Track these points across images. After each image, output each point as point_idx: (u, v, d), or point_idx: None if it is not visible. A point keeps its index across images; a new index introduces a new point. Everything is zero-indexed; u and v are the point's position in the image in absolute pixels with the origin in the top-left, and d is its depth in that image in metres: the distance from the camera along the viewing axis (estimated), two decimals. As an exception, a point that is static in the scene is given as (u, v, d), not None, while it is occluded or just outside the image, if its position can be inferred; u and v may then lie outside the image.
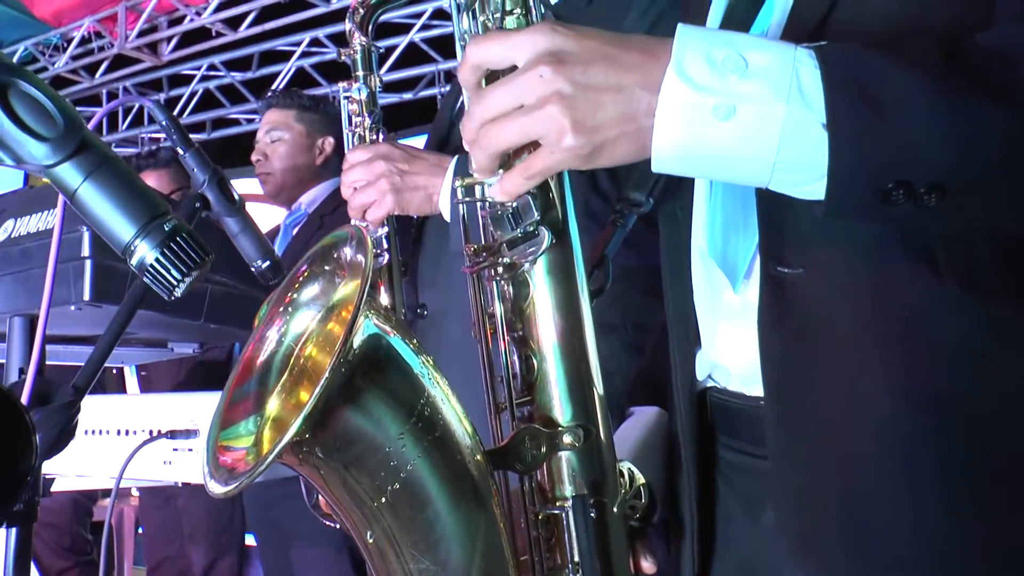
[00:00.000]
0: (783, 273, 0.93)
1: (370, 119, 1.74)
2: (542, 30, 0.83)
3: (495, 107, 0.84)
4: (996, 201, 0.82)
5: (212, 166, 1.49)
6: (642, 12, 1.74)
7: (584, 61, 0.82)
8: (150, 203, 0.85)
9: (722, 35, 0.83)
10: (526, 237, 0.89)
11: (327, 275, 0.92)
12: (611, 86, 0.81)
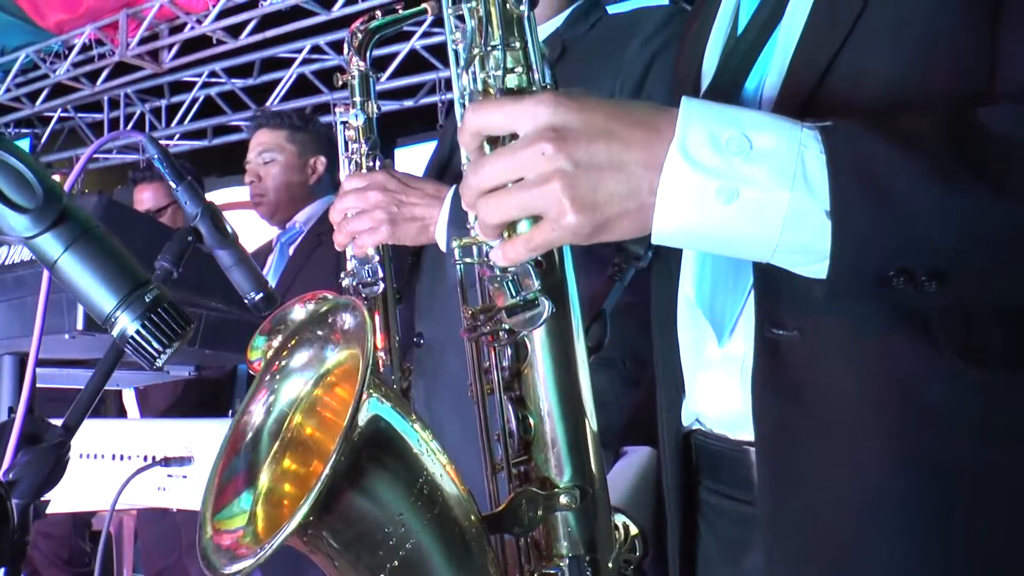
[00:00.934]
0: (778, 335, 0.92)
1: (367, 145, 1.73)
2: (545, 101, 0.82)
3: (494, 179, 0.83)
4: (995, 284, 0.82)
5: (205, 200, 1.48)
6: (645, 40, 1.73)
7: (587, 138, 0.80)
8: (131, 273, 0.84)
9: (727, 112, 0.82)
10: (526, 305, 0.87)
11: (319, 341, 0.90)
12: (613, 164, 0.80)
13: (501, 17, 0.89)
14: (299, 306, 1.74)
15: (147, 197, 4.12)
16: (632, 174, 0.80)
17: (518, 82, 0.89)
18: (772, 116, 0.82)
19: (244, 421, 0.91)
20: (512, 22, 0.89)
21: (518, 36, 0.89)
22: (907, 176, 0.77)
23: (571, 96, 0.82)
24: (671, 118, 0.81)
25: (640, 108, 0.84)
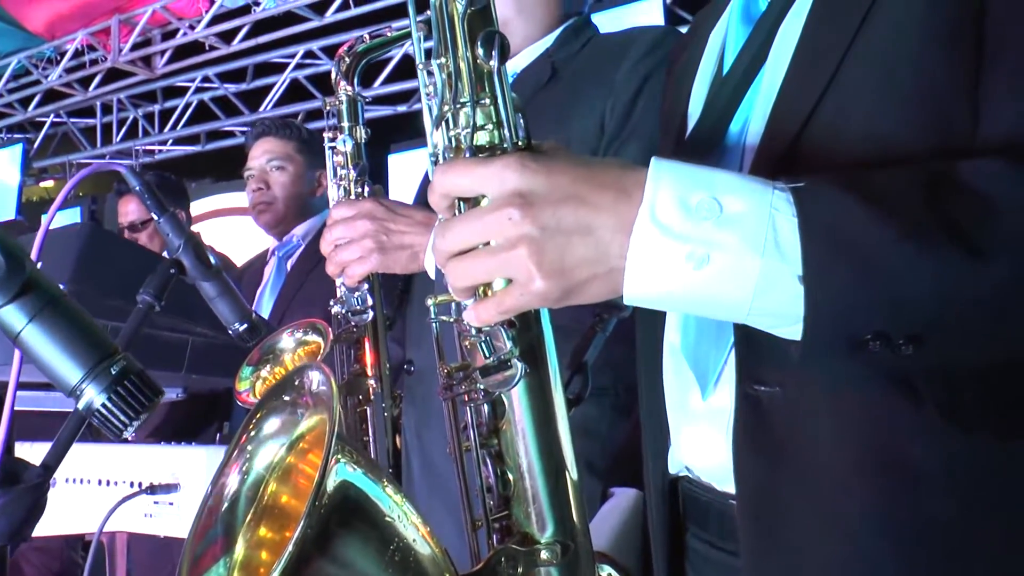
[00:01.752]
0: (759, 391, 0.91)
1: (355, 171, 1.71)
2: (511, 165, 0.81)
3: (462, 242, 0.83)
4: (975, 346, 0.80)
5: (187, 231, 1.47)
6: (636, 62, 1.72)
7: (553, 202, 0.79)
8: (97, 344, 0.83)
9: (697, 174, 0.80)
10: (500, 366, 0.86)
11: (290, 406, 0.89)
12: (581, 228, 0.79)
13: (471, 73, 0.88)
14: (286, 335, 1.74)
15: (132, 209, 4.10)
16: (601, 238, 0.79)
17: (489, 139, 0.87)
18: (743, 178, 0.81)
19: (221, 485, 0.90)
20: (483, 77, 0.88)
21: (488, 92, 0.88)
22: (882, 239, 0.76)
23: (538, 158, 0.81)
24: (640, 180, 0.80)
25: (608, 169, 0.82)
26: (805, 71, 0.97)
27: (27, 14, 6.83)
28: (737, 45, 1.09)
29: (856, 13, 0.93)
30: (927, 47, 0.89)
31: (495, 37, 0.87)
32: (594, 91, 1.72)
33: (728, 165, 1.05)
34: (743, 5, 1.13)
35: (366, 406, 1.69)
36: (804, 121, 0.94)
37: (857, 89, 0.92)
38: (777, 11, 1.05)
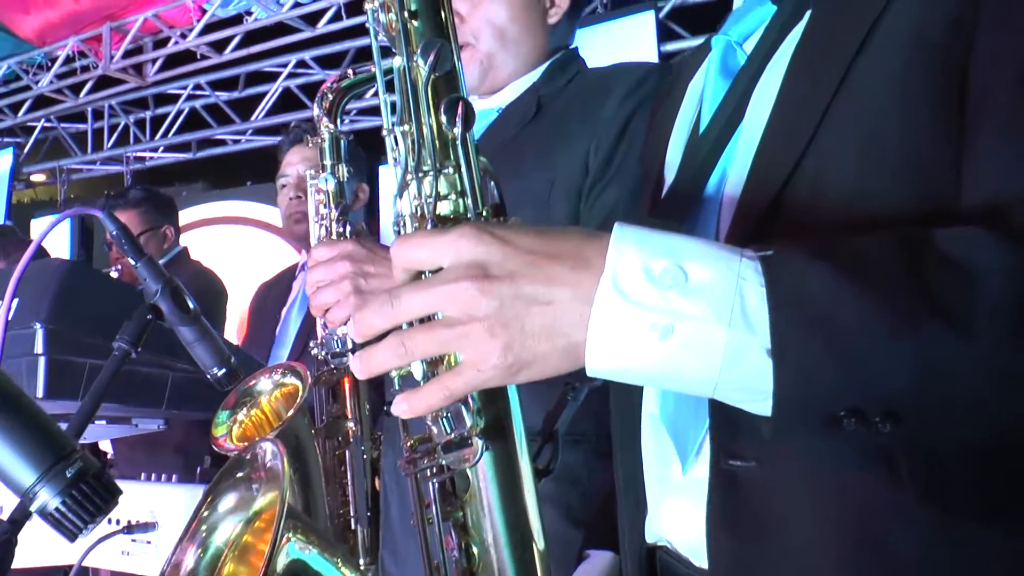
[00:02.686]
0: (735, 467, 0.89)
1: (337, 211, 1.70)
2: (467, 235, 0.79)
3: (416, 310, 0.80)
4: (956, 425, 0.78)
5: (166, 276, 1.45)
6: (620, 101, 1.72)
7: (510, 273, 0.77)
8: (53, 446, 0.82)
9: (661, 240, 0.78)
10: (460, 443, 0.84)
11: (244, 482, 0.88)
12: (539, 299, 0.77)
13: (435, 140, 0.87)
14: (264, 377, 1.72)
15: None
16: (560, 309, 0.77)
17: (452, 208, 0.86)
18: (709, 245, 0.78)
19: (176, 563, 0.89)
20: (447, 145, 0.87)
21: (453, 160, 0.87)
22: (855, 313, 0.74)
23: (495, 228, 0.79)
24: (601, 248, 0.77)
25: (567, 238, 0.80)
26: (783, 131, 0.95)
27: (17, 21, 6.80)
28: (715, 100, 1.08)
29: (835, 72, 0.92)
30: (908, 106, 0.89)
31: (459, 104, 0.86)
32: (579, 130, 1.71)
33: (705, 224, 1.03)
34: (721, 57, 1.11)
35: (345, 448, 1.68)
36: (783, 182, 0.92)
37: (836, 150, 0.91)
38: (755, 66, 1.04)
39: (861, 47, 0.92)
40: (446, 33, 0.88)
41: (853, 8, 0.96)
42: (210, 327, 1.52)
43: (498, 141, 1.79)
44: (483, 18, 1.84)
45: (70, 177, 9.04)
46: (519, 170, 1.71)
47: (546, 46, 1.91)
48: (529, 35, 1.88)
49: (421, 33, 0.87)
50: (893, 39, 0.91)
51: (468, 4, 1.84)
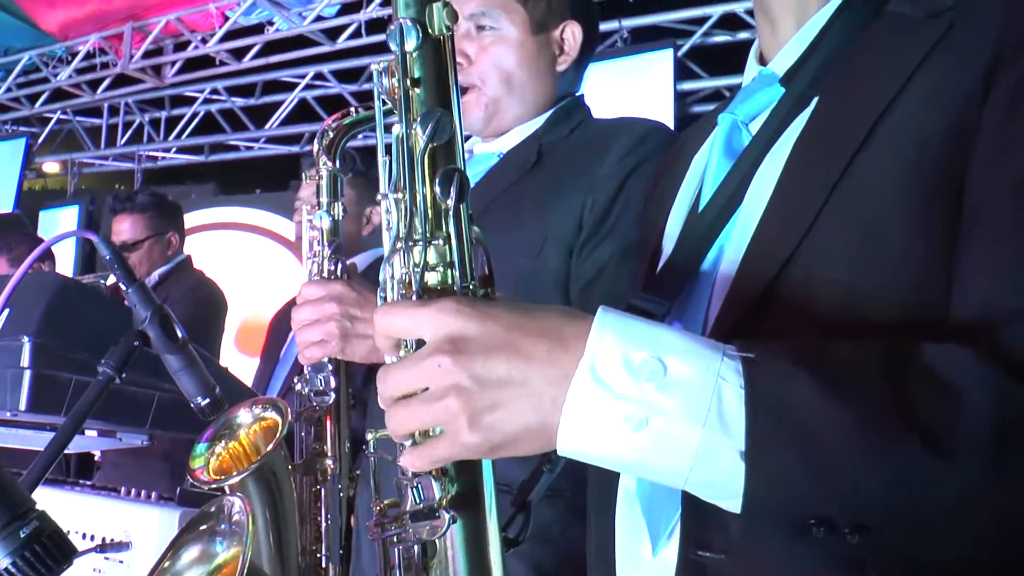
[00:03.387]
0: (704, 558, 0.88)
1: (330, 248, 1.69)
2: (446, 309, 0.79)
3: (398, 388, 0.81)
4: (926, 541, 0.77)
5: (156, 303, 1.45)
6: (620, 159, 1.71)
7: (485, 350, 0.77)
8: (9, 504, 0.80)
9: (643, 331, 0.78)
10: (429, 513, 0.84)
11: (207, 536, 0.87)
12: (513, 380, 0.77)
13: (428, 210, 0.86)
14: (244, 410, 1.71)
15: (125, 228, 4.09)
16: (534, 390, 0.77)
17: (439, 279, 0.86)
18: (691, 340, 0.78)
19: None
20: (440, 215, 0.86)
21: (444, 230, 0.86)
22: (833, 427, 0.73)
23: (474, 304, 0.80)
24: (580, 331, 0.78)
25: (547, 317, 0.80)
26: (780, 221, 0.96)
27: (42, 14, 6.83)
28: (717, 178, 1.08)
29: (835, 166, 0.93)
30: (905, 208, 0.89)
31: (455, 175, 0.85)
32: (576, 185, 1.71)
33: (697, 304, 1.04)
34: (726, 136, 1.12)
35: (322, 486, 1.67)
36: (776, 271, 0.92)
37: (831, 245, 0.91)
38: (759, 149, 1.04)
39: (863, 143, 0.92)
40: (448, 103, 0.88)
41: (858, 101, 0.96)
42: (197, 356, 1.52)
43: (497, 188, 1.79)
44: (491, 62, 1.84)
45: (81, 170, 9.08)
46: (515, 220, 1.70)
47: (553, 93, 1.90)
48: (536, 81, 1.87)
49: (423, 101, 0.87)
50: (895, 138, 0.91)
51: (476, 46, 1.84)
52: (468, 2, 1.85)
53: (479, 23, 1.85)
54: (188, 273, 4.21)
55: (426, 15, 0.88)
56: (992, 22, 0.92)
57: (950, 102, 0.89)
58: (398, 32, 0.87)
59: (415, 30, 0.87)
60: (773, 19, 1.13)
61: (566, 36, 1.90)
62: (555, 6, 1.88)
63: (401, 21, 0.87)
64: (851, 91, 0.99)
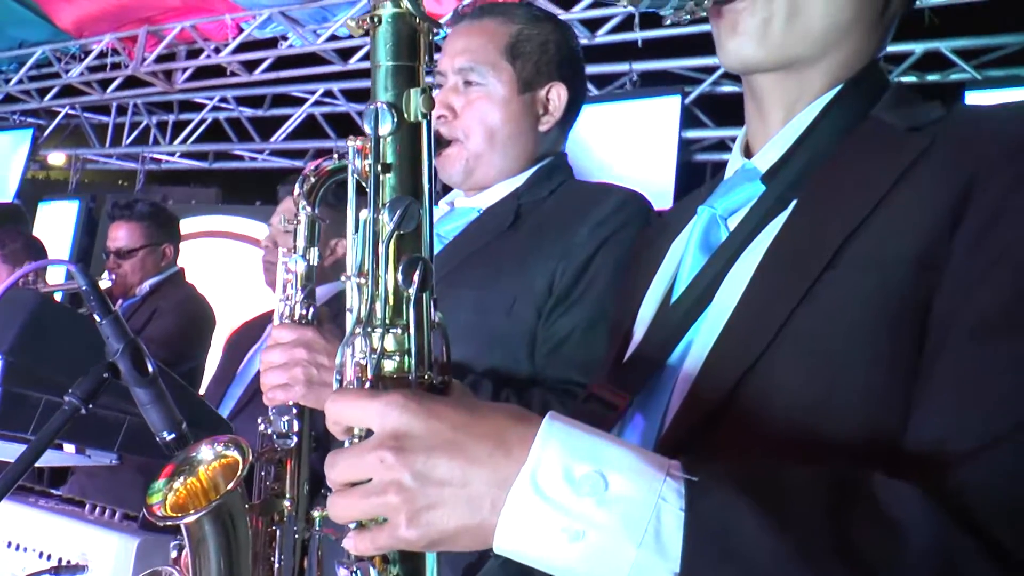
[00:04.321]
0: None
1: (303, 293, 1.70)
2: (394, 403, 0.79)
3: (343, 476, 0.82)
4: None
5: (129, 336, 1.45)
6: (595, 227, 1.74)
7: (427, 448, 0.78)
8: None
9: (589, 443, 0.79)
10: None
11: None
12: (454, 480, 0.78)
13: (389, 296, 0.87)
14: (205, 446, 1.71)
15: (121, 235, 4.11)
16: (474, 491, 0.78)
17: (395, 367, 0.86)
18: (636, 456, 0.78)
19: None
20: (401, 303, 0.87)
21: (404, 318, 0.87)
22: (769, 555, 0.73)
23: (422, 400, 0.80)
24: (526, 436, 0.78)
25: (494, 418, 0.81)
26: (746, 328, 0.97)
27: (58, 10, 6.87)
28: (691, 271, 1.09)
29: (803, 282, 0.94)
30: (867, 333, 0.90)
31: (419, 264, 0.86)
32: (550, 249, 1.74)
33: (658, 401, 1.05)
34: (704, 229, 1.13)
35: (278, 527, 1.67)
36: (736, 380, 0.93)
37: (792, 361, 0.92)
38: (733, 248, 1.05)
39: (832, 260, 0.93)
40: (419, 191, 0.88)
41: (832, 215, 0.97)
42: (166, 391, 1.52)
43: (474, 245, 1.82)
44: (475, 116, 1.86)
45: (84, 166, 9.10)
46: (488, 279, 1.73)
47: (535, 152, 1.93)
48: (518, 139, 1.90)
49: (393, 187, 0.87)
50: (863, 260, 0.92)
51: (463, 100, 1.87)
52: (458, 56, 1.89)
53: (467, 78, 1.88)
54: (180, 286, 4.22)
55: (403, 100, 0.88)
56: (970, 146, 0.93)
57: (920, 229, 0.90)
58: (373, 115, 0.87)
59: (391, 115, 0.87)
60: (762, 109, 1.14)
61: (551, 97, 1.93)
62: (543, 67, 1.91)
63: (377, 105, 0.88)
64: (827, 201, 1.00)
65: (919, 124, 1.00)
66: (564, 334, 1.70)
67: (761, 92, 1.14)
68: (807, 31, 1.06)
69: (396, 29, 0.89)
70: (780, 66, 1.09)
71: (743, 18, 1.07)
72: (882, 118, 1.05)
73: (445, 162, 1.89)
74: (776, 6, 1.05)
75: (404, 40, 0.89)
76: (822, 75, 1.10)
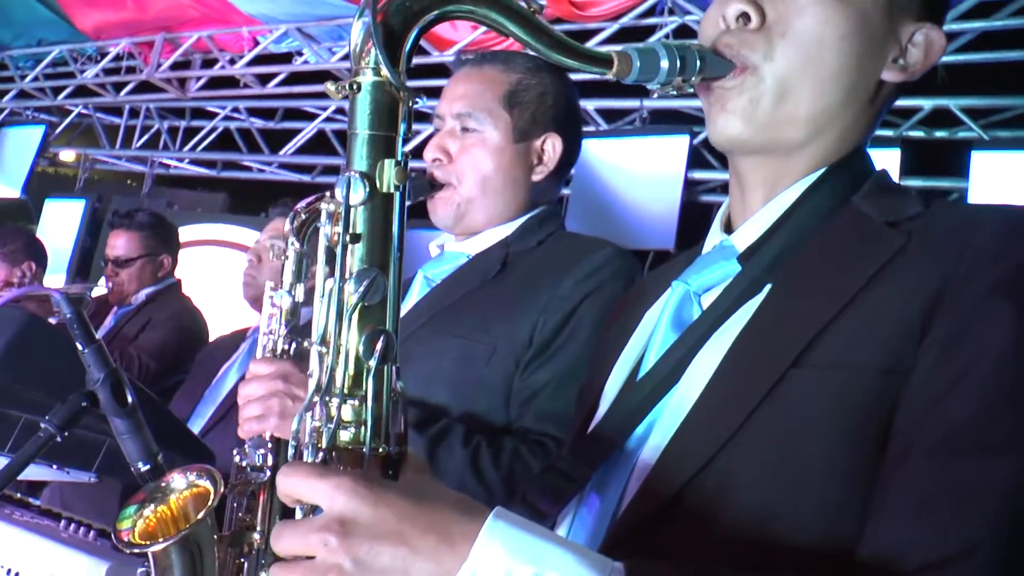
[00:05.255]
0: None
1: (286, 328, 1.71)
2: (343, 487, 0.79)
3: (288, 550, 0.82)
4: None
5: (111, 366, 1.46)
6: (576, 283, 1.75)
7: (372, 537, 0.78)
8: None
9: (531, 545, 0.79)
10: None
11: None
12: (395, 569, 0.78)
13: (350, 367, 0.87)
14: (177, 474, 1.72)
15: (120, 244, 4.13)
16: None
17: (350, 438, 0.86)
18: (579, 559, 0.79)
19: None
20: (361, 374, 0.86)
21: (363, 390, 0.86)
22: None
23: (371, 487, 0.80)
24: (471, 532, 0.79)
25: (441, 509, 0.81)
26: (706, 421, 0.97)
27: (79, 13, 6.91)
28: (660, 349, 1.09)
29: (767, 378, 0.94)
30: (828, 438, 0.90)
31: (381, 337, 0.86)
32: (532, 302, 1.75)
33: (616, 483, 1.05)
34: (677, 306, 1.13)
35: (245, 558, 1.67)
36: (692, 474, 0.94)
37: (749, 460, 0.92)
38: (705, 328, 1.05)
39: (798, 359, 0.93)
40: (386, 263, 0.88)
41: (804, 308, 0.98)
42: (143, 423, 1.53)
43: (459, 291, 1.83)
44: (469, 162, 1.88)
45: (93, 165, 9.13)
46: (472, 328, 1.75)
47: (526, 201, 1.94)
48: (511, 188, 1.91)
49: (361, 258, 0.87)
50: (830, 361, 0.92)
51: (458, 145, 1.89)
52: (457, 101, 1.91)
53: (464, 123, 1.90)
54: (175, 298, 4.23)
55: (376, 171, 0.88)
56: (944, 252, 0.93)
57: (889, 335, 0.91)
58: (345, 184, 0.87)
59: (363, 184, 0.87)
60: (744, 187, 1.14)
61: (546, 147, 1.94)
62: (540, 117, 1.93)
63: (351, 173, 0.87)
64: (799, 295, 1.00)
65: (896, 219, 1.00)
66: (540, 386, 1.71)
67: (744, 170, 1.14)
68: (794, 114, 1.07)
69: (375, 98, 0.89)
70: (766, 147, 1.10)
71: (731, 96, 1.07)
72: (861, 208, 1.05)
73: (437, 204, 1.91)
74: (764, 87, 1.06)
75: (383, 109, 0.89)
76: (806, 158, 1.10)
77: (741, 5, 1.06)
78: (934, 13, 1.12)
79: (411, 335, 1.80)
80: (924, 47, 1.09)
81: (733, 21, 1.07)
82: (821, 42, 1.04)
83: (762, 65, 1.06)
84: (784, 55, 1.05)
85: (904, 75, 1.10)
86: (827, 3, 1.04)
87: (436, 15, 0.92)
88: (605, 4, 5.18)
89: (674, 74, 1.04)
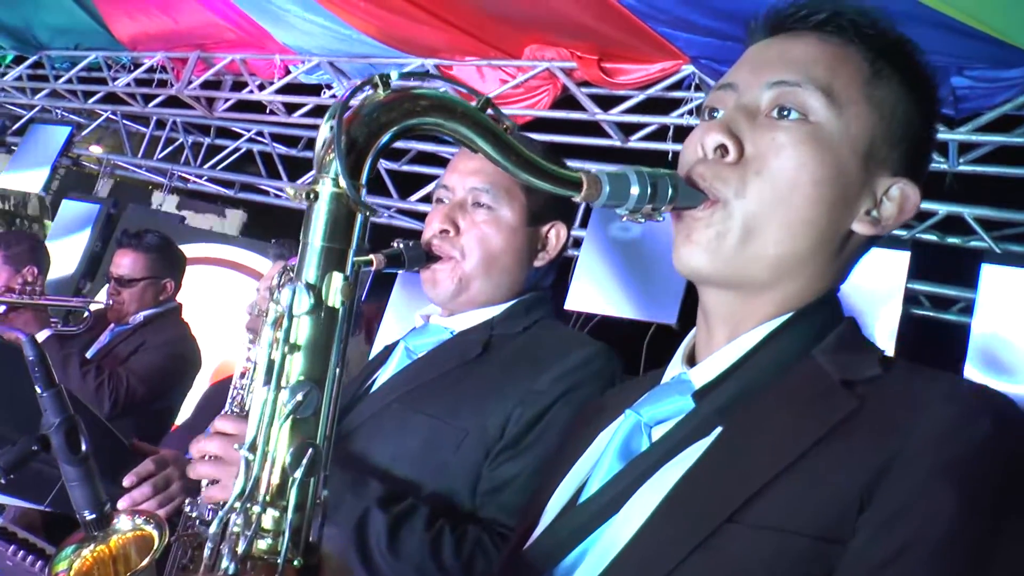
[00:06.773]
0: None
1: (261, 384, 1.71)
2: None
3: None
4: None
5: (68, 412, 1.46)
6: (555, 379, 1.74)
7: None
8: None
9: None
10: None
11: None
12: None
13: (274, 476, 0.86)
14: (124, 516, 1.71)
15: (125, 263, 4.14)
16: None
17: (267, 546, 0.86)
18: None
19: None
20: (285, 485, 0.86)
21: (284, 500, 0.86)
22: None
23: None
24: None
25: None
26: (639, 562, 0.96)
27: (118, 23, 6.98)
28: (604, 477, 1.09)
29: (705, 527, 0.93)
30: None
31: (309, 451, 0.86)
32: (509, 392, 1.73)
33: None
34: (627, 436, 1.12)
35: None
36: None
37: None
38: (650, 463, 1.04)
39: (736, 512, 0.93)
40: (323, 378, 0.88)
41: (749, 461, 0.97)
42: (94, 471, 1.52)
43: (437, 369, 1.81)
44: (477, 237, 1.86)
45: (114, 170, 9.19)
46: (445, 411, 1.73)
47: (524, 285, 1.93)
48: (516, 270, 1.90)
49: (300, 371, 0.87)
50: (766, 521, 0.91)
51: (467, 220, 1.86)
52: (473, 175, 1.88)
53: (478, 199, 1.87)
54: (173, 323, 4.23)
55: (324, 283, 0.88)
56: (894, 426, 0.92)
57: (828, 503, 0.90)
58: (291, 294, 0.87)
59: (308, 295, 0.87)
60: (708, 322, 1.14)
61: (551, 235, 1.94)
62: (550, 203, 1.91)
63: (298, 284, 0.88)
64: (745, 450, 0.99)
65: (853, 379, 0.99)
66: (506, 479, 1.69)
67: (709, 304, 1.14)
68: (760, 254, 1.06)
69: (331, 209, 0.90)
70: (729, 283, 1.09)
71: (698, 228, 1.07)
72: (820, 362, 1.04)
73: (436, 276, 1.88)
74: (732, 223, 1.06)
75: (339, 222, 0.90)
76: (771, 300, 1.09)
77: (720, 137, 1.07)
78: (912, 169, 1.12)
79: (385, 407, 1.79)
80: (899, 202, 1.09)
81: (711, 151, 1.08)
82: (794, 186, 1.04)
83: (732, 201, 1.06)
84: (756, 193, 1.05)
85: (875, 228, 1.10)
86: (806, 146, 1.04)
87: (403, 127, 0.93)
88: (634, 74, 5.20)
89: (644, 201, 1.04)
